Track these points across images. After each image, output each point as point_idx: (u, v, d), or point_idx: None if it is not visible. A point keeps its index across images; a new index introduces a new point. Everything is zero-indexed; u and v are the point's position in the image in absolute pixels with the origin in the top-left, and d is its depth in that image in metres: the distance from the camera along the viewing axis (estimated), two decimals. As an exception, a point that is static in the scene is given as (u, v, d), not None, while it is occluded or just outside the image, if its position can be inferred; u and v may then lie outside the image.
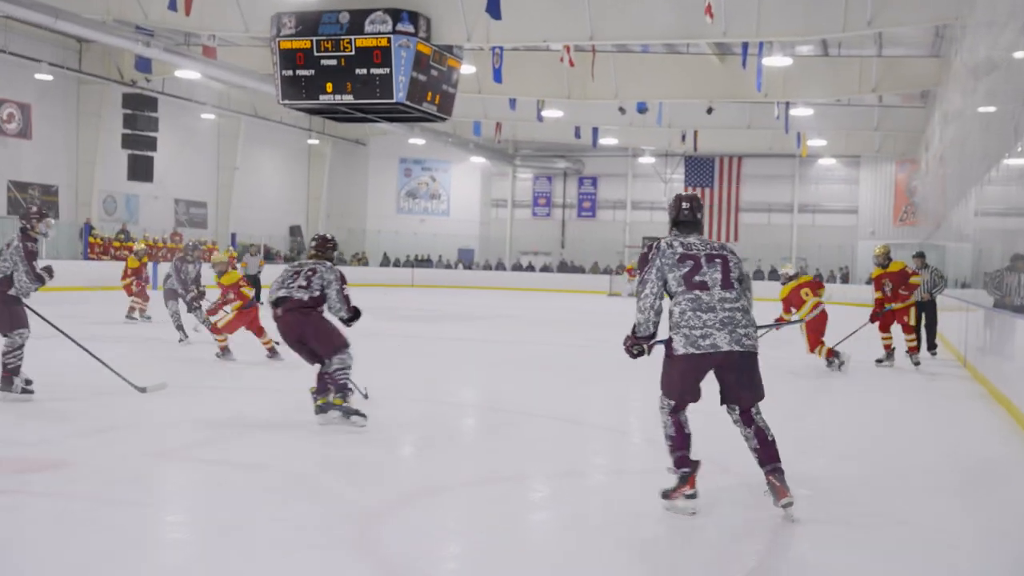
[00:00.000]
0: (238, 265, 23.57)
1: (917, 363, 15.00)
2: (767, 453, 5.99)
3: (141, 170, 33.74)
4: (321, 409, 8.52)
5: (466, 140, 45.95)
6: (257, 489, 6.47)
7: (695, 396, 6.00)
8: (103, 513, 5.81)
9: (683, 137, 40.90)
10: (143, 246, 20.98)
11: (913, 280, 15.15)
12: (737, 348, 5.88)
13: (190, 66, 28.49)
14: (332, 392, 8.55)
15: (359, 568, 4.95)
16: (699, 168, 49.05)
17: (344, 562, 5.01)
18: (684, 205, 6.32)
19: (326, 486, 6.83)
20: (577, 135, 40.58)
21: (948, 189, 23.58)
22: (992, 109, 14.58)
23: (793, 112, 33.01)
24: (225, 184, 43.36)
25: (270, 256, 42.77)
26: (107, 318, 19.68)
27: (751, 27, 21.91)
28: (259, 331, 13.48)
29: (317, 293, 8.66)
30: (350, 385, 8.66)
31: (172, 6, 20.87)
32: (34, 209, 9.76)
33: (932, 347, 16.66)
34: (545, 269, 50.29)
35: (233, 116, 41.82)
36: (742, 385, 6.00)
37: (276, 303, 8.59)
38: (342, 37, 22.52)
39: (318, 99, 23.36)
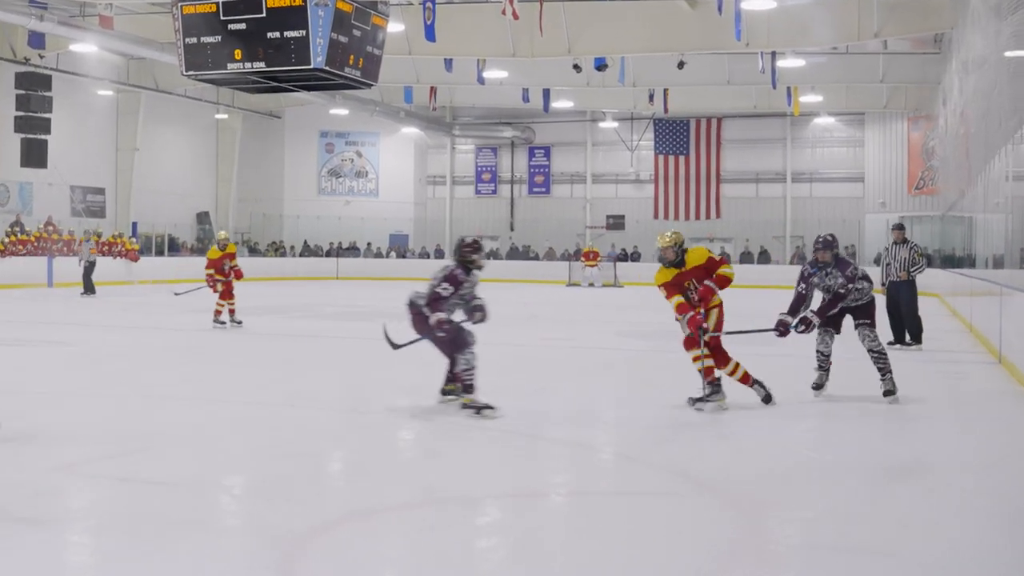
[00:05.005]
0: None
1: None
2: None
3: (35, 155, 34.09)
4: None
5: (396, 109, 45.97)
6: (167, 510, 6.54)
7: None
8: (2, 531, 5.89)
9: (651, 97, 40.84)
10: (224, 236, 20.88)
11: (724, 271, 10.74)
12: None
13: (86, 38, 29.82)
14: None
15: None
16: (671, 133, 49.14)
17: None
18: None
19: (244, 508, 6.92)
20: (525, 99, 40.52)
21: (973, 150, 23.19)
22: (1021, 53, 14.40)
23: (781, 64, 32.75)
24: (125, 168, 43.42)
25: (175, 247, 42.89)
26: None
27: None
28: None
29: None
30: None
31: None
32: None
33: (916, 336, 16.79)
34: (492, 256, 50.29)
35: (132, 91, 42.23)
36: None
37: None
38: (251, -3, 22.59)
39: (226, 68, 23.33)
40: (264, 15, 22.63)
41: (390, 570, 5.72)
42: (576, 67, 33.43)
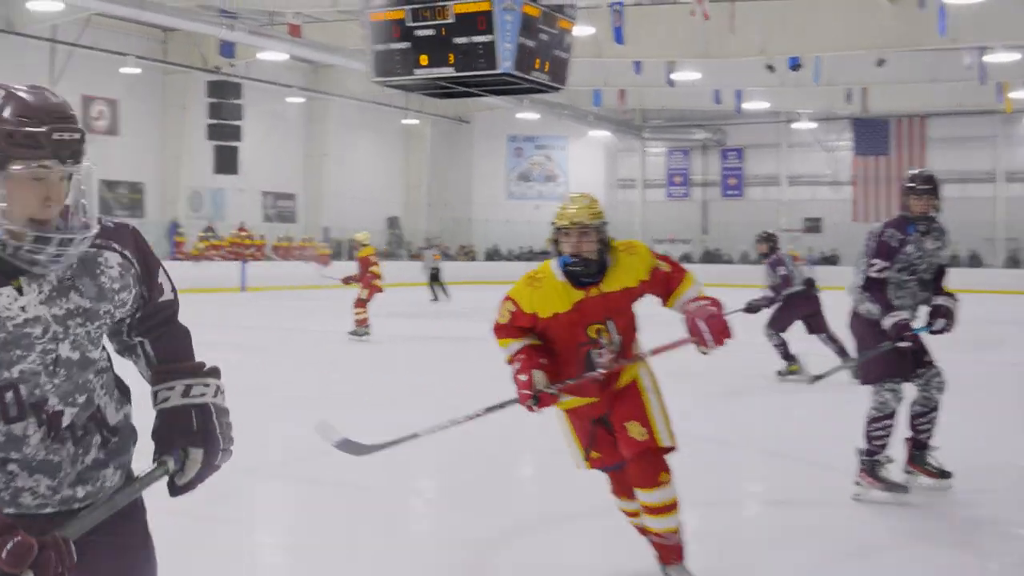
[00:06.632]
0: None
1: None
2: None
3: (226, 162, 35.00)
4: None
5: (585, 112, 45.99)
6: (358, 512, 6.67)
7: None
8: (193, 531, 6.09)
9: (848, 96, 40.29)
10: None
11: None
12: None
13: (275, 47, 30.75)
14: None
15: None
16: (871, 133, 47.93)
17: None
18: None
19: (435, 511, 7.03)
20: (717, 100, 40.21)
21: None
22: None
23: (989, 59, 31.71)
24: (314, 174, 44.59)
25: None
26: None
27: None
28: None
29: None
30: None
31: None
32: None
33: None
34: (684, 259, 49.97)
35: (322, 99, 43.25)
36: None
37: None
38: (439, 4, 22.90)
39: (414, 73, 23.76)
40: (452, 21, 23.01)
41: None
42: (769, 67, 33.04)
